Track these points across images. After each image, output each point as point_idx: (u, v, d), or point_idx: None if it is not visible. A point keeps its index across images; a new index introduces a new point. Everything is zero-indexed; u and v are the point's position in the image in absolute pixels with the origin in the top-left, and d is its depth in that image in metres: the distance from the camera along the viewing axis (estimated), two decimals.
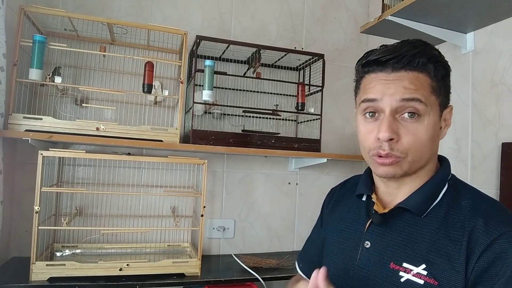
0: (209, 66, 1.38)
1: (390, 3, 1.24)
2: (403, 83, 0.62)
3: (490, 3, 1.06)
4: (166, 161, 1.36)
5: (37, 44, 1.18)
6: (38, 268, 1.15)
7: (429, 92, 0.63)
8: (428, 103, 0.62)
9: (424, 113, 0.62)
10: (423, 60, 0.62)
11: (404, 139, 0.62)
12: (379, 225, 0.69)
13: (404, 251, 0.64)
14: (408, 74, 0.63)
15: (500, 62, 1.17)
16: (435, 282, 0.58)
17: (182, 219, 1.56)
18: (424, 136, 0.62)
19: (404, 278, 0.62)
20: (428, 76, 0.63)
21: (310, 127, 1.66)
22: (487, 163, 1.19)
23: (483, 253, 0.56)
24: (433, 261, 0.60)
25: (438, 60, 0.64)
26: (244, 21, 1.72)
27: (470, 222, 0.59)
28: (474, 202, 0.62)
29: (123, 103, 1.50)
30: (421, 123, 0.62)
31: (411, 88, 0.62)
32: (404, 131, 0.62)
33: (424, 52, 0.63)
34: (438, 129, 0.66)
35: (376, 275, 0.66)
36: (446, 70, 0.66)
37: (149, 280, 1.21)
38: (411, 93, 0.61)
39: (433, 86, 0.63)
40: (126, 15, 1.54)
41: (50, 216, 1.36)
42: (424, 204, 0.65)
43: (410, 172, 0.65)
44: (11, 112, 1.17)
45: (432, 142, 0.64)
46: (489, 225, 0.57)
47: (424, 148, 0.63)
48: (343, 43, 1.88)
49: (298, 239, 1.76)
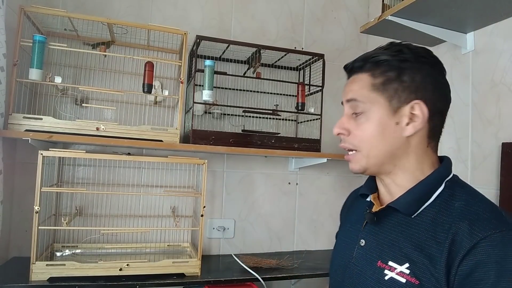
0: (209, 66, 1.38)
1: (390, 3, 1.24)
2: (350, 86, 0.71)
3: (490, 3, 1.06)
4: (166, 161, 1.36)
5: (37, 44, 1.18)
6: (38, 268, 1.15)
7: (368, 90, 0.68)
8: (367, 101, 0.67)
9: (366, 110, 0.68)
10: (360, 63, 0.70)
11: (352, 134, 0.70)
12: (373, 224, 0.71)
13: (391, 250, 0.65)
14: (355, 76, 0.71)
15: (500, 62, 1.17)
16: (417, 281, 0.59)
17: (182, 219, 1.56)
18: (369, 130, 0.67)
19: (388, 276, 0.63)
20: (368, 75, 0.68)
21: (310, 127, 1.66)
22: (487, 163, 1.19)
23: (466, 256, 0.55)
24: (417, 261, 0.61)
25: (379, 59, 0.67)
26: (244, 21, 1.72)
27: (456, 224, 0.59)
28: (466, 204, 0.61)
29: (123, 103, 1.50)
30: (364, 119, 0.68)
31: (351, 89, 0.70)
32: (353, 127, 0.70)
33: (366, 54, 0.69)
34: (392, 125, 0.66)
35: (366, 272, 0.68)
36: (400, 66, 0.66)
37: (149, 280, 1.21)
38: (351, 95, 0.70)
39: (373, 84, 0.67)
40: (126, 15, 1.54)
41: (50, 216, 1.36)
42: (414, 205, 0.66)
43: (373, 168, 0.69)
44: (11, 112, 1.17)
45: (383, 137, 0.66)
46: (474, 228, 0.56)
47: (375, 142, 0.67)
48: (343, 43, 1.88)
49: (298, 239, 1.76)
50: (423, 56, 0.67)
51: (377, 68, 0.67)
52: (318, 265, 1.50)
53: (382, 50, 0.68)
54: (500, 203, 1.10)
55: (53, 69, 1.39)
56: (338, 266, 0.78)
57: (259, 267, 1.42)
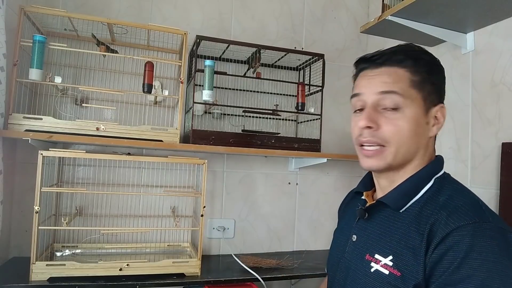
0: (209, 66, 1.38)
1: (390, 3, 1.24)
2: (382, 77, 0.67)
3: (490, 3, 1.06)
4: (166, 161, 1.36)
5: (37, 44, 1.18)
6: (38, 268, 1.15)
7: (408, 86, 0.66)
8: (407, 96, 0.66)
9: (404, 105, 0.65)
10: (401, 56, 0.67)
11: (384, 128, 0.66)
12: (365, 219, 0.73)
13: (378, 244, 0.67)
14: (388, 69, 0.68)
15: (500, 62, 1.17)
16: (398, 273, 0.61)
17: (182, 219, 1.56)
18: (404, 126, 0.66)
19: (373, 268, 0.66)
20: (408, 71, 0.67)
21: (310, 127, 1.66)
22: (487, 163, 1.19)
23: (438, 244, 0.57)
24: (400, 253, 0.62)
25: (419, 57, 0.68)
26: (244, 21, 1.72)
27: (435, 215, 0.61)
28: (449, 198, 0.63)
29: (123, 103, 1.50)
30: (400, 114, 0.66)
31: (389, 81, 0.66)
32: (384, 121, 0.66)
33: (403, 50, 0.68)
34: (424, 124, 0.67)
35: (356, 266, 0.71)
36: (429, 66, 0.68)
37: (149, 280, 1.21)
38: (388, 87, 0.66)
39: (413, 80, 0.67)
40: (126, 15, 1.54)
41: (50, 216, 1.36)
42: (401, 200, 0.67)
43: (395, 165, 0.68)
44: (11, 112, 1.17)
45: (415, 135, 0.66)
46: (449, 218, 0.59)
47: (406, 139, 0.66)
48: (343, 43, 1.88)
49: (298, 239, 1.76)
50: (438, 61, 0.71)
51: (417, 65, 0.67)
52: (318, 265, 1.50)
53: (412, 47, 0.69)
54: (500, 203, 1.10)
55: (53, 69, 1.39)
56: (332, 261, 0.81)
57: (259, 267, 1.42)
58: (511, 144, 1.10)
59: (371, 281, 0.65)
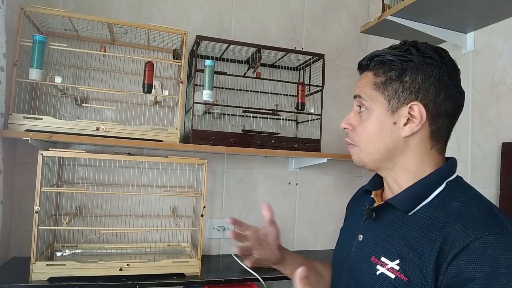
0: (209, 66, 1.38)
1: (390, 3, 1.24)
2: (358, 82, 0.73)
3: (490, 3, 1.06)
4: (166, 161, 1.36)
5: (37, 44, 1.18)
6: (38, 268, 1.15)
7: (370, 88, 0.69)
8: (369, 99, 0.69)
9: (368, 107, 0.69)
10: (366, 61, 0.71)
11: (356, 129, 0.72)
12: (372, 220, 0.72)
13: (385, 246, 0.66)
14: (363, 74, 0.73)
15: (500, 62, 1.17)
16: (405, 278, 0.60)
17: (182, 219, 1.56)
18: (368, 127, 0.69)
19: (379, 272, 0.65)
20: (372, 73, 0.70)
21: (310, 127, 1.66)
22: (487, 163, 1.19)
23: (457, 256, 0.55)
24: (407, 258, 0.61)
25: (384, 59, 0.68)
26: (244, 21, 1.72)
27: (450, 223, 0.59)
28: (464, 205, 0.61)
29: (123, 103, 1.50)
30: (367, 115, 0.70)
31: (360, 86, 0.71)
32: (357, 123, 0.72)
33: (374, 53, 0.70)
34: (390, 124, 0.67)
35: (361, 266, 0.70)
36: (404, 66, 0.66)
37: (149, 280, 1.21)
38: (357, 91, 0.72)
39: (375, 83, 0.69)
40: (126, 15, 1.54)
41: (50, 216, 1.36)
42: (410, 202, 0.66)
43: (371, 164, 0.71)
44: (11, 112, 1.17)
45: (380, 135, 0.68)
46: (467, 228, 0.56)
47: (372, 139, 0.69)
48: (343, 43, 1.88)
49: (298, 239, 1.76)
50: (430, 57, 0.66)
51: (380, 67, 0.69)
52: None
53: (391, 50, 0.69)
54: (500, 203, 1.10)
55: (53, 69, 1.39)
56: (338, 259, 0.80)
57: (259, 267, 1.41)
58: (511, 144, 1.10)
59: (376, 284, 0.64)
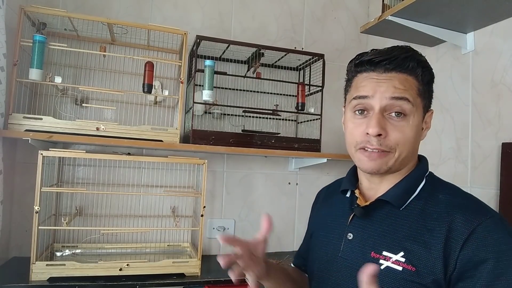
0: (209, 66, 1.38)
1: (390, 3, 1.24)
2: (393, 82, 0.66)
3: (490, 3, 1.06)
4: (166, 161, 1.36)
5: (37, 44, 1.18)
6: (38, 268, 1.15)
7: (416, 94, 0.67)
8: (414, 104, 0.67)
9: (410, 113, 0.66)
10: (413, 63, 0.67)
11: (392, 136, 0.66)
12: (361, 218, 0.73)
13: (384, 241, 0.67)
14: (398, 75, 0.67)
15: (500, 62, 1.17)
16: (413, 268, 0.62)
17: (182, 219, 1.56)
18: (409, 134, 0.67)
19: (384, 266, 0.65)
20: (416, 79, 0.68)
21: (310, 127, 1.66)
22: (487, 163, 1.19)
23: (466, 242, 0.59)
24: (411, 249, 0.63)
25: (425, 66, 0.69)
26: (244, 21, 1.72)
27: (449, 215, 0.63)
28: (451, 196, 0.66)
29: (123, 103, 1.50)
30: (407, 122, 0.66)
31: (400, 88, 0.66)
32: (391, 128, 0.66)
33: (413, 57, 0.68)
34: (421, 130, 0.71)
35: (358, 264, 0.69)
36: (431, 76, 0.70)
37: (149, 280, 1.21)
38: (400, 93, 0.66)
39: (419, 89, 0.68)
40: (126, 15, 1.54)
41: (50, 216, 1.36)
42: (402, 197, 0.69)
43: (394, 168, 0.69)
44: (11, 112, 1.17)
45: (415, 141, 0.69)
46: (468, 216, 0.61)
47: (409, 146, 0.68)
48: (343, 43, 1.88)
49: (298, 239, 1.76)
50: None
51: (424, 74, 0.68)
52: None
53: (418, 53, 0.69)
54: (500, 203, 1.10)
55: (53, 69, 1.39)
56: (323, 261, 0.78)
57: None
58: (511, 144, 1.10)
59: (382, 278, 0.64)
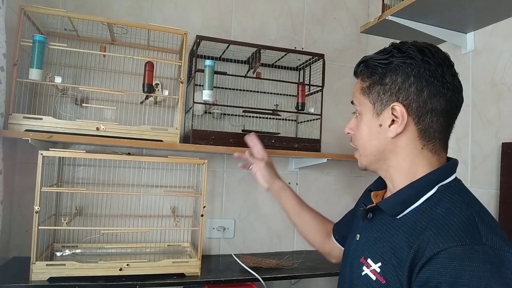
0: (209, 66, 1.38)
1: (390, 3, 1.24)
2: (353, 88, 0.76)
3: (490, 3, 1.06)
4: (166, 161, 1.36)
5: (37, 44, 1.18)
6: (38, 268, 1.15)
7: (359, 93, 0.73)
8: (359, 103, 0.73)
9: (360, 111, 0.73)
10: (356, 67, 0.74)
11: (355, 134, 0.76)
12: (368, 221, 0.74)
13: (373, 248, 0.68)
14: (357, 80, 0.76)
15: (500, 62, 1.17)
16: (384, 280, 0.62)
17: (182, 219, 1.56)
18: (361, 131, 0.73)
19: (364, 272, 0.68)
20: (360, 79, 0.74)
21: (310, 127, 1.66)
22: (487, 163, 1.19)
23: (425, 264, 0.55)
24: (388, 261, 0.63)
25: (367, 64, 0.71)
26: (244, 21, 1.72)
27: (426, 231, 0.58)
28: (446, 212, 0.60)
29: (123, 103, 1.50)
30: (359, 120, 0.74)
31: (353, 92, 0.76)
32: (355, 127, 0.76)
33: (361, 60, 0.73)
34: (376, 127, 0.70)
35: (353, 266, 0.73)
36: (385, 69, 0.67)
37: (149, 280, 1.21)
38: (352, 97, 0.76)
39: (362, 88, 0.72)
40: (126, 15, 1.54)
41: (50, 216, 1.36)
42: (397, 206, 0.66)
43: (370, 167, 0.74)
44: (11, 112, 1.17)
45: (370, 138, 0.71)
46: (439, 237, 0.56)
47: (365, 142, 0.72)
48: (343, 43, 1.88)
49: (298, 239, 1.76)
50: (411, 57, 0.65)
51: (365, 72, 0.72)
52: (318, 265, 1.50)
53: (376, 54, 0.72)
54: (500, 203, 1.10)
55: (53, 69, 1.39)
56: (344, 255, 0.83)
57: (259, 267, 1.42)
58: (511, 144, 1.10)
59: (361, 284, 0.67)
